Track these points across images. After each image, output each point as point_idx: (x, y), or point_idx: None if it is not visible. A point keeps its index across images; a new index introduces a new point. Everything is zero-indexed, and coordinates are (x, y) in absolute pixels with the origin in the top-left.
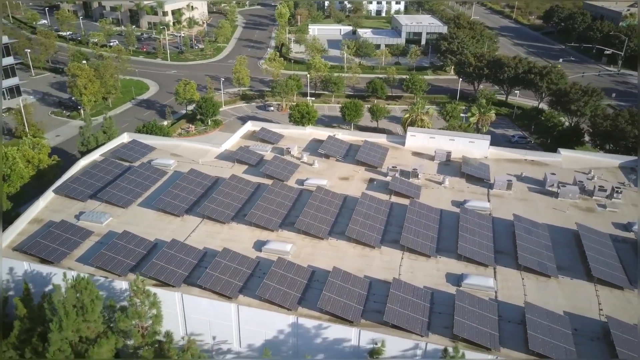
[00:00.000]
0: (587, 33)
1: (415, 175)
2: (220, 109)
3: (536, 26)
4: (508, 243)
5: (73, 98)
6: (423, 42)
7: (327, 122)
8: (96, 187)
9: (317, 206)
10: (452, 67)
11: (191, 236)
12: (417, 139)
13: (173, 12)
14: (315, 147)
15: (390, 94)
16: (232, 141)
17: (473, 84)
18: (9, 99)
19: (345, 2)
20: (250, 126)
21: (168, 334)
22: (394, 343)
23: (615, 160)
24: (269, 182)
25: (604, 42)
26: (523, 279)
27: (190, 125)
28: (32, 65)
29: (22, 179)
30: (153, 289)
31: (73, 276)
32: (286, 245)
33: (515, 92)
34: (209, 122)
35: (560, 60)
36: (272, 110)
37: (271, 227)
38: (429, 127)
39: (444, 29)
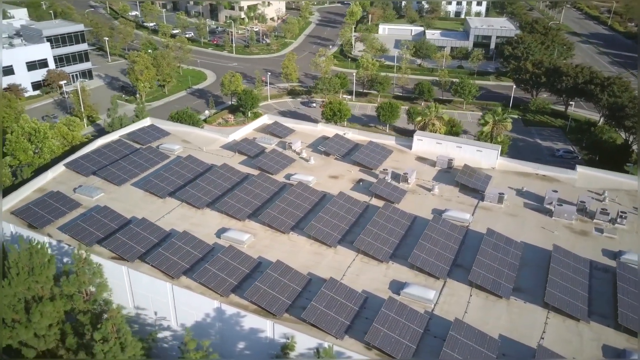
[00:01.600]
0: None
1: (405, 180)
2: (265, 103)
3: (632, 34)
4: (473, 258)
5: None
6: (492, 45)
7: (366, 121)
8: (101, 164)
9: (290, 201)
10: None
11: (164, 217)
12: (423, 144)
13: (248, 7)
14: (321, 144)
15: (441, 97)
16: (243, 132)
17: (531, 92)
18: (81, 81)
19: (423, 3)
20: (266, 119)
21: (107, 302)
22: (303, 340)
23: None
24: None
25: None
26: (471, 295)
27: (230, 116)
28: (109, 52)
29: (54, 153)
30: (106, 261)
31: (29, 240)
32: (243, 235)
33: (571, 103)
34: (249, 114)
35: None
36: (314, 107)
37: (239, 216)
38: (440, 132)
39: (515, 33)
